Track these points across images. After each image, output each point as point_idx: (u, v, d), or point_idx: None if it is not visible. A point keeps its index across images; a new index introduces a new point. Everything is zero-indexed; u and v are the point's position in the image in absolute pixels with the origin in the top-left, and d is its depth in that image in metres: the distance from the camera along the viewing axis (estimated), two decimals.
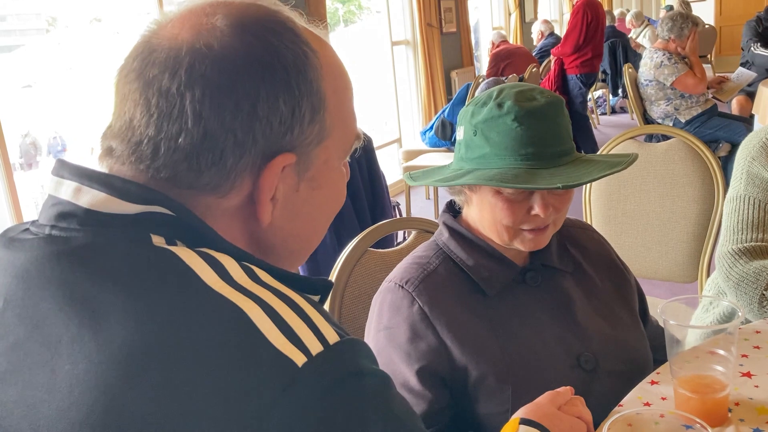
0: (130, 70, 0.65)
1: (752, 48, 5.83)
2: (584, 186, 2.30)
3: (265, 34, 0.65)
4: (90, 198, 0.63)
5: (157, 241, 0.62)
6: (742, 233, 1.52)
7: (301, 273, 1.67)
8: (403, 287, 1.20)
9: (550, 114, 1.13)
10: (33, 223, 0.66)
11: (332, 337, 0.59)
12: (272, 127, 0.64)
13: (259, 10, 0.68)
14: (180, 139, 0.63)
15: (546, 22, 8.26)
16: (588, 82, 6.35)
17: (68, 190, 0.64)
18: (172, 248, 0.61)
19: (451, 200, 1.31)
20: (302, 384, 0.55)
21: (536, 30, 8.04)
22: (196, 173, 0.64)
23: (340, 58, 0.74)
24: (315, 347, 0.57)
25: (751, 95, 5.24)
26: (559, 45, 6.44)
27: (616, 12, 9.87)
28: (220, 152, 0.63)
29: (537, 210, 1.15)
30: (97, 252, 0.60)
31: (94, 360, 0.54)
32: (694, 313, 1.76)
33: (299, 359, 0.56)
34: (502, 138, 1.13)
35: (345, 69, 0.74)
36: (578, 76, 6.19)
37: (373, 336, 1.22)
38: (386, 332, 1.19)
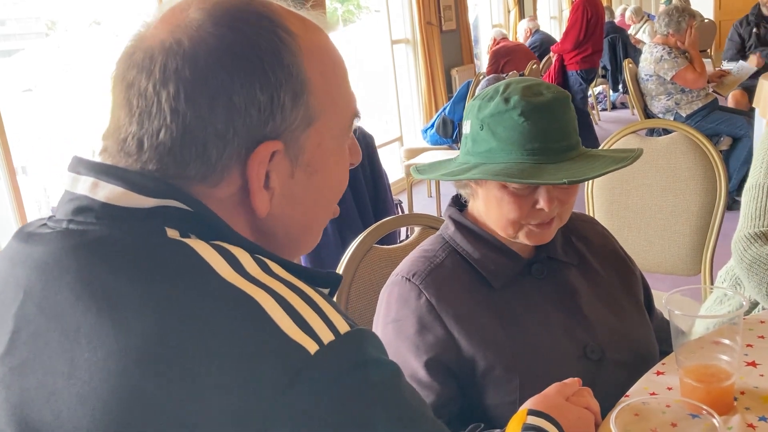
0: (116, 74, 0.68)
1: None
2: (587, 181, 2.31)
3: (237, 23, 0.65)
4: (107, 192, 0.64)
5: (172, 234, 0.63)
6: (760, 219, 1.53)
7: None
8: (410, 280, 1.21)
9: (556, 109, 1.14)
10: (50, 218, 0.68)
11: (343, 327, 0.61)
12: (252, 117, 0.65)
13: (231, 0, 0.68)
14: (161, 135, 0.64)
15: (532, 19, 8.36)
16: (588, 78, 6.35)
17: (85, 186, 0.65)
18: (186, 241, 0.63)
19: (457, 194, 1.32)
20: (314, 371, 0.56)
21: (522, 28, 8.08)
22: (182, 165, 0.65)
23: (328, 40, 0.73)
24: (326, 336, 0.59)
25: (746, 89, 5.22)
26: (559, 42, 6.44)
27: (616, 9, 9.88)
28: (203, 145, 0.64)
29: (542, 204, 1.16)
30: (113, 244, 0.62)
31: (113, 349, 0.56)
32: (704, 304, 1.77)
33: (311, 347, 0.57)
34: (508, 133, 1.13)
35: (334, 50, 0.73)
36: (578, 72, 6.20)
37: (381, 329, 1.22)
38: (394, 325, 1.20)
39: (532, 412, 0.96)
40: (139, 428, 0.54)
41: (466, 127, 1.21)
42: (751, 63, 5.37)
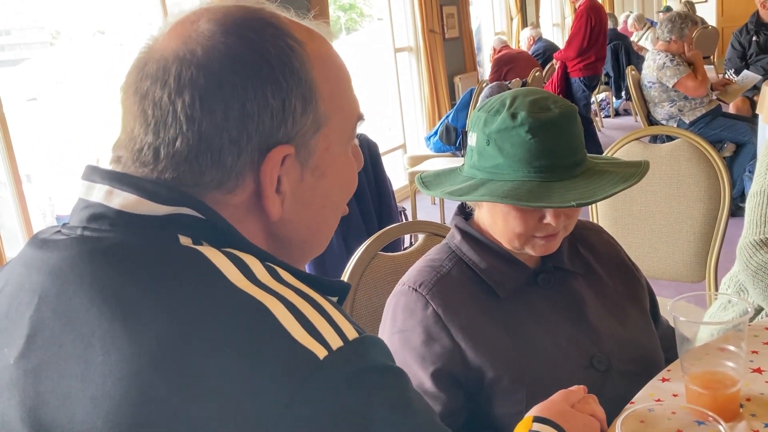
0: (129, 85, 0.69)
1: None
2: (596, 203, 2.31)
3: (246, 33, 0.67)
4: (121, 200, 0.66)
5: (184, 241, 0.65)
6: (765, 225, 1.53)
7: None
8: (416, 290, 1.21)
9: (563, 125, 1.13)
10: (64, 225, 0.69)
11: (351, 333, 0.62)
12: (264, 123, 0.66)
13: (240, 10, 0.70)
14: (177, 143, 0.66)
15: (534, 27, 8.38)
16: (591, 85, 6.36)
17: (100, 194, 0.67)
18: (199, 248, 0.64)
19: (462, 203, 1.32)
20: (323, 376, 0.57)
21: (525, 36, 8.10)
22: (198, 173, 0.66)
23: (332, 48, 0.75)
24: (335, 342, 0.60)
25: (749, 97, 5.22)
26: (562, 49, 6.45)
27: (619, 16, 9.89)
28: (218, 152, 0.66)
29: (549, 219, 1.16)
30: (127, 251, 0.63)
31: (126, 352, 0.57)
32: (708, 311, 1.76)
33: (321, 353, 0.58)
34: (515, 150, 1.13)
35: (337, 57, 0.75)
36: (581, 78, 6.21)
37: (387, 338, 1.22)
38: (400, 335, 1.20)
39: (537, 419, 0.96)
40: (151, 431, 0.55)
41: (472, 140, 1.20)
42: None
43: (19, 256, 0.70)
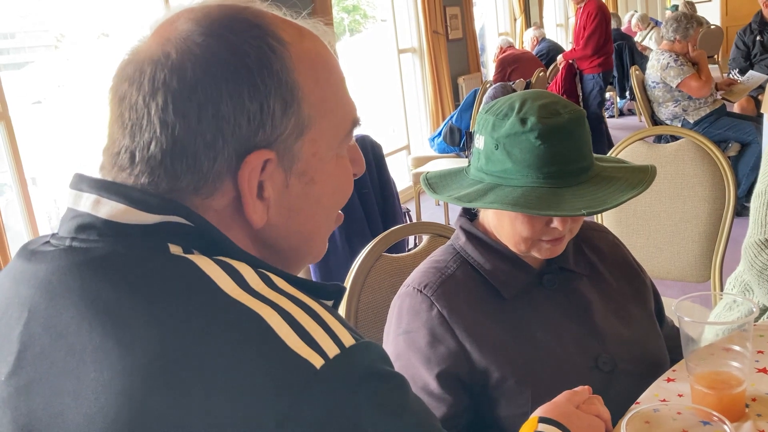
0: (111, 88, 0.68)
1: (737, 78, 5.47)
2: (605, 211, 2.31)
3: (224, 33, 0.65)
4: (109, 209, 0.64)
5: (175, 250, 0.63)
6: None
7: (314, 279, 1.67)
8: (421, 292, 1.21)
9: (573, 130, 1.13)
10: (53, 235, 0.67)
11: (348, 340, 0.61)
12: (241, 126, 0.64)
13: (221, 9, 0.68)
14: (152, 147, 0.64)
15: (538, 27, 8.43)
16: (607, 81, 6.40)
17: (87, 203, 0.65)
18: (190, 257, 0.63)
19: None
20: (321, 385, 0.56)
21: (529, 37, 8.12)
22: (174, 177, 0.65)
23: (324, 48, 0.72)
24: (332, 350, 0.59)
25: (753, 96, 5.21)
26: (575, 49, 6.43)
27: (623, 16, 9.88)
28: (193, 156, 0.64)
29: (556, 224, 1.15)
30: (117, 262, 0.62)
31: (118, 367, 0.56)
32: (713, 311, 1.76)
33: (317, 362, 0.57)
34: (524, 155, 1.12)
35: (329, 58, 0.72)
36: (599, 74, 6.22)
37: (392, 340, 1.22)
38: (405, 336, 1.20)
39: (542, 420, 0.96)
40: None
41: (479, 143, 1.19)
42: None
43: (8, 268, 0.69)
